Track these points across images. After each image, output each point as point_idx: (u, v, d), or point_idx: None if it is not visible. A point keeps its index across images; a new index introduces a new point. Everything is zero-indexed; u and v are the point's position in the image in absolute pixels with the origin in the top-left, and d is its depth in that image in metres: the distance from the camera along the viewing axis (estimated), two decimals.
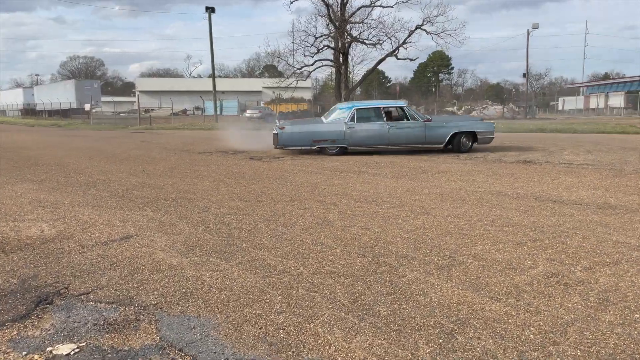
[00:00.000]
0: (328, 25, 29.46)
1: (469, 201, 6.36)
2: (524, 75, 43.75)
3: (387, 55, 27.58)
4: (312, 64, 28.64)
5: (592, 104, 68.65)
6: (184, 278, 3.68)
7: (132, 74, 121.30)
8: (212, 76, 34.81)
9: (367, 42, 27.30)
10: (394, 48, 27.63)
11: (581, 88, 76.93)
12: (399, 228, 5.02)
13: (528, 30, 41.77)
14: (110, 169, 9.99)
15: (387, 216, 5.55)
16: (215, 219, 5.53)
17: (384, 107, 12.73)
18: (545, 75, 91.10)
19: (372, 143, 12.42)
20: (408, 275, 3.65)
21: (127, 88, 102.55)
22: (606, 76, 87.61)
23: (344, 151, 12.40)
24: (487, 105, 65.27)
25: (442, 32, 26.85)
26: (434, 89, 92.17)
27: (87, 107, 37.39)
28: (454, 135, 12.61)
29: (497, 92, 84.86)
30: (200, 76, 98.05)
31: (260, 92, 76.74)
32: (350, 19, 27.81)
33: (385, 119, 12.45)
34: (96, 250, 4.45)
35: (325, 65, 29.65)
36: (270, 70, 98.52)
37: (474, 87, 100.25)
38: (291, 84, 30.26)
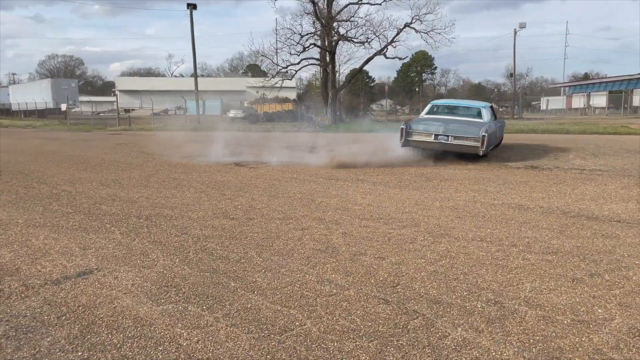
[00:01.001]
0: (314, 23, 28.60)
1: (490, 218, 5.53)
2: (511, 75, 43.44)
3: (375, 54, 26.78)
4: (298, 63, 27.71)
5: (575, 103, 68.94)
6: (152, 342, 2.75)
7: (112, 73, 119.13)
8: (195, 75, 33.62)
9: (355, 40, 26.45)
10: (382, 47, 26.84)
11: (563, 88, 77.25)
12: (419, 257, 4.15)
13: (515, 29, 41.43)
14: (79, 178, 8.96)
15: (401, 239, 4.68)
16: (196, 244, 4.60)
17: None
18: (527, 75, 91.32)
19: (493, 144, 11.83)
20: (451, 333, 2.77)
21: (107, 87, 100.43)
22: (586, 76, 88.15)
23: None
24: None
25: (431, 30, 26.13)
26: (417, 89, 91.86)
27: (63, 107, 35.89)
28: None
29: (479, 92, 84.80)
30: (182, 75, 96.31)
31: (243, 91, 75.49)
32: (337, 17, 26.93)
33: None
34: (43, 293, 3.49)
35: (312, 64, 28.77)
36: (254, 70, 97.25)
37: (456, 87, 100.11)
38: (276, 83, 29.31)
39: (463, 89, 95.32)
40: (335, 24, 26.91)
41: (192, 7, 29.98)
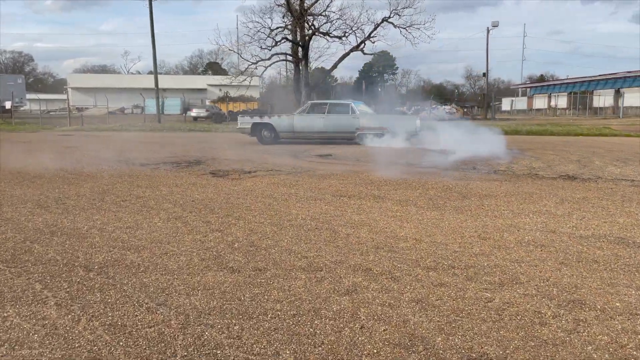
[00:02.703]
0: (283, 16, 26.68)
1: (607, 264, 3.86)
2: (484, 74, 42.77)
3: (352, 50, 25.12)
4: (269, 59, 25.73)
5: (537, 104, 69.64)
6: None
7: (65, 70, 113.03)
8: (155, 71, 31.11)
9: (331, 35, 24.68)
10: (358, 42, 25.20)
11: (522, 89, 78.06)
12: None
13: (488, 28, 40.70)
14: (9, 196, 6.82)
15: (519, 316, 2.93)
16: (184, 333, 2.72)
17: None
18: (484, 76, 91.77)
19: None
20: None
21: (59, 85, 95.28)
22: (542, 78, 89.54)
23: None
24: (436, 105, 64.58)
25: (410, 25, 24.70)
26: (380, 89, 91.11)
27: (7, 104, 32.58)
28: None
29: (439, 92, 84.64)
30: (139, 72, 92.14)
31: (205, 90, 72.71)
32: (311, 9, 25.13)
33: None
34: None
35: (284, 60, 26.83)
36: (214, 68, 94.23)
37: (415, 88, 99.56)
38: (244, 80, 27.25)
39: (424, 90, 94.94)
40: (309, 17, 25.09)
41: None
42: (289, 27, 26.55)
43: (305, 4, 25.38)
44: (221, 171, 9.34)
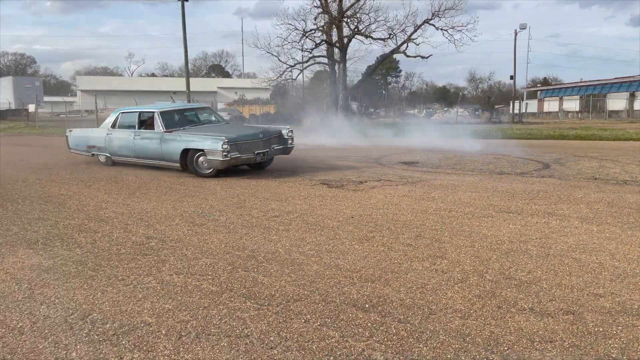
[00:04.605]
0: (316, 18, 26.13)
1: None
2: (511, 77, 42.18)
3: (392, 52, 24.59)
4: (307, 61, 25.20)
5: (546, 107, 69.39)
6: None
7: (64, 72, 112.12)
8: (186, 74, 30.57)
9: (373, 37, 24.15)
10: (398, 44, 24.68)
11: (526, 92, 77.75)
12: None
13: (515, 30, 40.18)
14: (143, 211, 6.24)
15: None
16: None
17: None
18: (489, 79, 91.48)
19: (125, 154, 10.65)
20: None
21: (61, 87, 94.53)
22: (546, 81, 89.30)
23: None
24: (447, 108, 64.13)
25: (451, 27, 24.21)
26: (383, 92, 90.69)
27: (31, 107, 31.90)
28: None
29: (443, 95, 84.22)
30: (148, 74, 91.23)
31: (215, 92, 72.10)
32: (349, 12, 24.61)
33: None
34: None
35: (319, 63, 26.31)
36: (217, 70, 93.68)
37: (417, 91, 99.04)
38: (271, 83, 26.74)
39: (427, 92, 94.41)
40: (347, 19, 24.56)
41: None
42: (323, 28, 26.02)
43: (343, 5, 24.85)
44: (332, 181, 8.78)
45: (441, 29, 24.12)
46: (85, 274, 4.04)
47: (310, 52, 24.61)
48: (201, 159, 9.17)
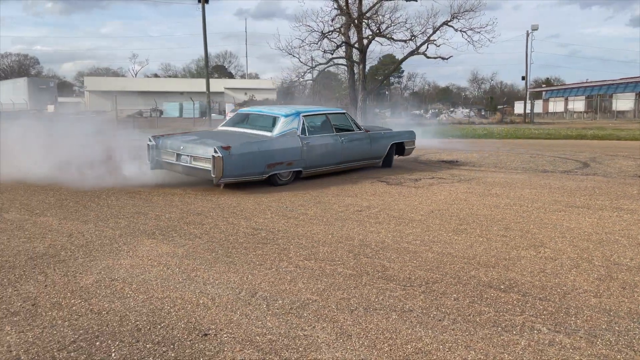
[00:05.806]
0: (333, 20, 26.51)
1: None
2: (523, 78, 42.65)
3: (412, 53, 24.97)
4: (327, 62, 25.60)
5: (551, 108, 69.83)
6: None
7: (64, 73, 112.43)
8: (207, 74, 31.06)
9: (394, 38, 24.55)
10: (418, 45, 25.07)
11: (529, 92, 78.00)
12: None
13: (527, 31, 40.62)
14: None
15: None
16: None
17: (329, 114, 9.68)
18: (492, 80, 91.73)
19: (327, 163, 9.21)
20: None
21: (64, 88, 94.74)
22: (548, 81, 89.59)
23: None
24: (454, 109, 64.50)
25: (470, 29, 24.62)
26: (386, 92, 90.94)
27: (51, 108, 32.30)
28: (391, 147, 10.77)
29: (445, 96, 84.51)
30: (156, 75, 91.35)
31: (222, 93, 72.45)
32: (369, 13, 25.02)
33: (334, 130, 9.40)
34: None
35: (338, 64, 26.70)
36: (220, 71, 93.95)
37: (419, 91, 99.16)
38: (289, 83, 27.08)
39: (430, 93, 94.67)
40: (367, 20, 24.95)
41: (205, 0, 27.35)
42: (341, 29, 26.39)
43: (363, 7, 25.24)
44: (389, 179, 9.16)
45: (460, 30, 24.51)
46: (223, 260, 4.41)
47: (332, 53, 24.99)
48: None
